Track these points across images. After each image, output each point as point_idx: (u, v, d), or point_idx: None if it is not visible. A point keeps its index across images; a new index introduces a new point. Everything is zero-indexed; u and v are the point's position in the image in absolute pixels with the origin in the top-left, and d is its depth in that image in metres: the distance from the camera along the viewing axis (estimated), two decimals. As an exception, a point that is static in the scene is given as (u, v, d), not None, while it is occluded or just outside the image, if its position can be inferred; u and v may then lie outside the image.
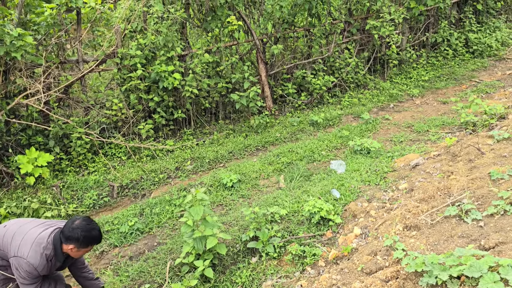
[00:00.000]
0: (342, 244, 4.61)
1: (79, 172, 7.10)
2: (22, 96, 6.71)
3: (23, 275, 3.59)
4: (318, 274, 4.29)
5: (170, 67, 7.57)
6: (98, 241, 3.76)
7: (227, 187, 6.40)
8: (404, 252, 3.62)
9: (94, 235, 3.69)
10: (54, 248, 3.65)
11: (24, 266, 3.55)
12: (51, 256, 3.65)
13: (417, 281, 3.25)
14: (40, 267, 3.58)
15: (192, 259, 4.57)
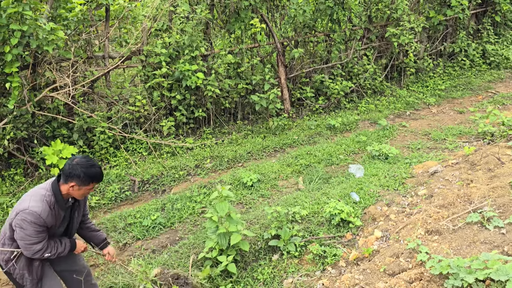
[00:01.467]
0: (363, 246, 4.70)
1: (102, 165, 7.25)
2: (49, 88, 6.88)
3: (29, 232, 3.33)
4: (340, 274, 4.39)
5: (194, 66, 7.71)
6: (98, 178, 3.52)
7: (247, 186, 6.52)
8: (427, 255, 3.71)
9: (94, 172, 3.45)
10: (54, 194, 3.43)
11: (28, 217, 3.30)
12: (52, 202, 3.42)
13: (441, 283, 3.34)
14: (45, 214, 3.35)
15: (216, 254, 4.68)
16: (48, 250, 3.44)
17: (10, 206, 6.03)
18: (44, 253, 3.42)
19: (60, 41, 6.50)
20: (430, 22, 11.05)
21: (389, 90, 10.78)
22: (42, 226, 3.35)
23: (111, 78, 8.52)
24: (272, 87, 8.77)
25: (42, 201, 3.34)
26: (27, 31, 6.10)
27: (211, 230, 4.77)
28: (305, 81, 10.07)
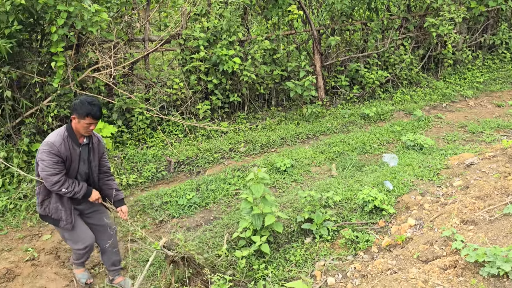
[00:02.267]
0: (396, 233, 4.73)
1: (139, 146, 7.47)
2: (91, 69, 7.09)
3: (46, 163, 3.73)
4: (372, 259, 4.44)
5: (231, 51, 7.80)
6: (93, 114, 3.81)
7: (280, 171, 6.61)
8: (463, 243, 3.73)
9: (90, 107, 3.78)
10: (66, 129, 3.91)
11: (45, 148, 3.76)
12: (66, 136, 3.87)
13: (476, 271, 3.36)
14: (58, 142, 3.78)
15: (250, 234, 4.79)
16: (65, 186, 3.84)
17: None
18: (62, 187, 3.82)
19: (103, 23, 6.69)
20: (470, 12, 10.79)
21: (425, 81, 10.63)
22: (57, 156, 3.78)
23: (149, 61, 8.70)
24: (307, 75, 8.78)
25: (57, 134, 3.87)
26: (73, 12, 6.30)
27: (246, 210, 4.89)
28: (340, 70, 10.03)
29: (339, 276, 4.31)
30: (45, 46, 6.87)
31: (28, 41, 7.01)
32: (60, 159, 3.81)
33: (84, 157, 4.05)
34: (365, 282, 3.91)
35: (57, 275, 4.66)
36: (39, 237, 5.36)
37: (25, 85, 6.93)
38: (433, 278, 3.45)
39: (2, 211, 5.79)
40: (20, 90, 6.88)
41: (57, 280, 4.59)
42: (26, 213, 5.75)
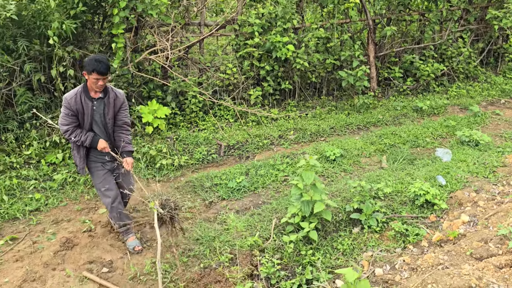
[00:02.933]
0: (448, 229, 4.65)
1: (191, 128, 7.64)
2: (149, 51, 7.30)
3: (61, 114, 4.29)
4: (422, 253, 4.39)
5: (285, 38, 7.81)
6: (98, 70, 4.11)
7: (330, 160, 6.60)
8: (520, 243, 3.62)
9: (96, 63, 4.09)
10: (82, 86, 4.31)
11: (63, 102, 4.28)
12: (80, 91, 4.27)
13: (534, 271, 3.27)
14: (70, 97, 4.23)
15: (298, 220, 4.84)
16: (73, 135, 4.31)
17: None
18: (71, 136, 4.31)
19: (162, 6, 6.85)
20: (537, 5, 10.26)
21: (484, 76, 10.25)
22: (68, 109, 4.24)
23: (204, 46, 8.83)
24: (360, 64, 8.66)
25: (73, 90, 4.32)
26: (134, -5, 6.50)
27: (295, 197, 4.93)
28: (394, 61, 9.83)
29: (387, 268, 4.29)
30: (107, 27, 7.12)
31: (90, 22, 7.28)
32: (71, 112, 4.26)
33: (99, 110, 4.41)
34: (414, 275, 3.88)
35: (112, 247, 4.88)
36: (96, 210, 5.63)
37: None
38: (488, 276, 3.39)
39: (62, 183, 6.10)
40: (82, 69, 7.16)
41: (112, 252, 4.80)
42: (84, 187, 6.04)
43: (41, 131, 6.57)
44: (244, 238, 4.82)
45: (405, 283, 3.76)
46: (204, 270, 4.34)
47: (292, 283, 4.11)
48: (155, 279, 4.26)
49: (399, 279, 3.95)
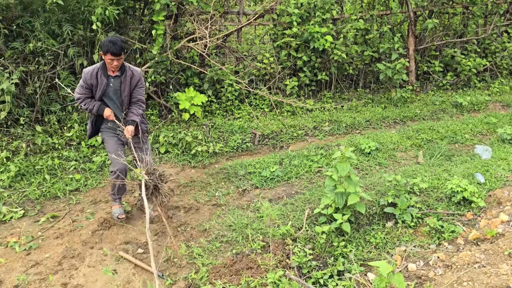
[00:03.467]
0: (485, 227, 4.54)
1: (226, 116, 7.71)
2: (187, 39, 7.38)
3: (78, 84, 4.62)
4: (457, 250, 4.32)
5: (324, 29, 7.74)
6: (111, 51, 4.34)
7: (365, 153, 6.54)
8: (563, 245, 3.52)
9: (109, 45, 4.32)
10: (102, 62, 4.58)
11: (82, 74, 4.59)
12: (97, 68, 4.55)
13: None
14: (87, 71, 4.53)
15: (331, 211, 4.83)
16: (83, 103, 4.64)
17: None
18: (81, 104, 4.65)
19: (203, -6, 6.91)
20: None
21: (528, 73, 9.90)
22: (85, 83, 4.55)
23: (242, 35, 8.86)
24: (399, 57, 8.50)
25: (93, 66, 4.61)
26: (175, -18, 6.57)
27: (329, 188, 4.92)
28: (434, 55, 9.60)
29: (420, 263, 4.24)
30: (147, 14, 7.23)
31: (132, 8, 7.41)
32: (86, 84, 4.57)
33: (116, 87, 4.66)
34: (449, 272, 3.82)
35: (147, 229, 5.01)
36: (132, 192, 5.77)
37: (126, 51, 7.36)
38: (526, 277, 3.31)
39: (101, 166, 6.28)
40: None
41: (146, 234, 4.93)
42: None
43: (82, 114, 6.77)
44: (276, 227, 4.85)
45: (439, 279, 3.72)
46: (236, 256, 4.40)
47: (323, 273, 4.12)
48: (189, 262, 4.35)
49: (433, 275, 3.91)
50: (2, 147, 6.33)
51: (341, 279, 4.09)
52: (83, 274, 4.23)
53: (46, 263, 4.39)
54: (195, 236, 4.82)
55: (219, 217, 5.20)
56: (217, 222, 5.07)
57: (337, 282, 4.02)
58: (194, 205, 5.46)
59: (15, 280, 4.13)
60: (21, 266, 4.34)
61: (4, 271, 4.27)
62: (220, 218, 5.16)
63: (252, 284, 3.91)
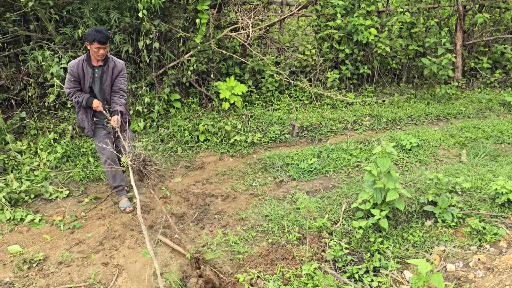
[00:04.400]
0: (530, 231, 4.39)
1: (265, 107, 7.72)
2: (230, 28, 7.41)
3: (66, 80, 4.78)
4: (500, 253, 4.19)
5: (368, 21, 7.60)
6: (98, 39, 4.52)
7: (405, 149, 6.41)
8: None
9: (95, 34, 4.51)
10: (85, 55, 4.76)
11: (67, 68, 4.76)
12: (82, 60, 4.73)
13: None
14: (73, 64, 4.70)
15: (369, 207, 4.78)
16: (74, 96, 4.79)
17: (186, 129, 6.81)
18: (72, 97, 4.80)
19: (247, -16, 6.91)
20: None
21: None
22: (72, 76, 4.71)
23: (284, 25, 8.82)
24: (446, 53, 8.25)
25: (77, 59, 4.77)
26: (221, -28, 6.60)
27: (368, 183, 4.86)
28: (483, 51, 9.27)
29: (459, 264, 4.15)
30: (192, 3, 7.29)
31: (177, -3, 7.51)
32: (73, 77, 4.73)
33: (99, 77, 4.81)
34: (490, 275, 3.72)
35: (185, 215, 5.11)
36: (172, 178, 5.89)
37: (170, 39, 7.48)
38: None
39: (142, 151, 6.42)
40: (166, 43, 7.44)
41: (185, 219, 5.02)
42: (162, 156, 6.32)
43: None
44: (312, 219, 4.85)
45: (480, 282, 3.63)
46: (271, 246, 4.43)
47: (359, 268, 4.10)
48: (225, 249, 4.41)
49: (472, 277, 3.81)
50: (50, 129, 6.58)
51: (377, 275, 4.06)
52: (123, 255, 4.36)
53: (89, 242, 4.55)
54: (231, 224, 4.87)
55: (255, 206, 5.24)
56: (254, 211, 5.11)
57: (372, 278, 3.99)
58: (232, 194, 5.52)
59: (60, 256, 4.30)
60: (65, 244, 4.52)
61: (50, 247, 4.46)
62: (257, 208, 5.19)
63: (287, 275, 3.92)
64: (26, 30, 6.56)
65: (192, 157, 6.47)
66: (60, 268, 4.16)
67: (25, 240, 4.59)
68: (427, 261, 3.19)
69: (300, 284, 3.81)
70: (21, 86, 6.72)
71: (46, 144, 6.27)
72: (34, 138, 6.46)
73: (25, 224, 4.85)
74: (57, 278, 4.04)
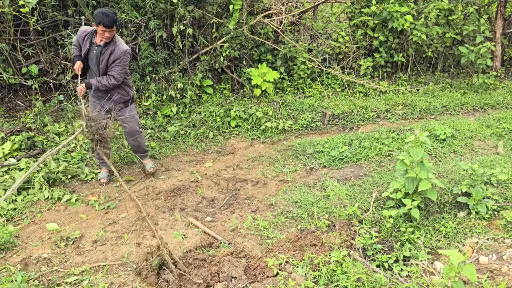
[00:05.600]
0: None
1: (297, 94, 7.69)
2: (263, 15, 7.38)
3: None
4: (535, 247, 4.10)
5: (404, 8, 7.44)
6: (103, 22, 4.59)
7: (439, 139, 6.29)
8: None
9: (101, 16, 4.57)
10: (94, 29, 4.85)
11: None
12: (89, 32, 4.86)
13: None
14: (81, 31, 4.88)
15: (400, 196, 4.73)
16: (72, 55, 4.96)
17: (218, 115, 6.86)
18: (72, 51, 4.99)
19: (281, -30, 6.85)
20: None
21: None
22: (76, 40, 4.90)
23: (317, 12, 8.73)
24: (485, 41, 8.01)
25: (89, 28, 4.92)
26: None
27: (400, 172, 4.80)
28: (524, 39, 8.95)
29: (493, 257, 4.07)
30: (226, -11, 7.31)
31: (211, -17, 7.52)
32: (76, 41, 4.91)
33: (95, 55, 4.87)
34: (525, 268, 3.64)
35: (216, 199, 5.18)
36: (203, 163, 5.97)
37: (204, 25, 7.52)
38: None
39: (174, 135, 6.53)
40: (199, 29, 7.49)
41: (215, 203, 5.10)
42: (194, 141, 6.41)
43: (159, 85, 7.03)
44: (342, 207, 4.84)
45: (513, 275, 3.56)
46: (301, 232, 4.45)
47: (388, 257, 4.08)
48: (254, 233, 4.46)
49: (506, 270, 3.75)
50: (86, 112, 6.75)
51: (406, 265, 4.03)
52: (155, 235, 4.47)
53: (122, 222, 4.68)
54: (261, 209, 4.92)
55: (285, 192, 5.26)
56: (283, 197, 5.14)
57: (402, 267, 3.97)
58: (262, 180, 5.55)
59: (95, 235, 4.45)
60: (100, 223, 4.66)
61: (85, 226, 4.61)
62: (287, 194, 5.22)
63: (316, 261, 3.94)
64: (65, 15, 6.71)
65: (223, 142, 6.53)
66: (95, 246, 4.30)
67: (62, 219, 4.76)
68: (459, 252, 3.15)
69: (328, 270, 3.83)
70: (59, 70, 6.90)
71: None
72: (71, 120, 6.64)
73: (62, 203, 5.02)
74: (92, 255, 4.18)
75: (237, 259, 4.04)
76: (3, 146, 5.75)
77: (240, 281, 3.75)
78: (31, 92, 7.04)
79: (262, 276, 3.84)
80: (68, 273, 3.92)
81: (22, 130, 6.21)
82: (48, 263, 4.06)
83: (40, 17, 6.56)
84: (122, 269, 3.99)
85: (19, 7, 5.94)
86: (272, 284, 3.71)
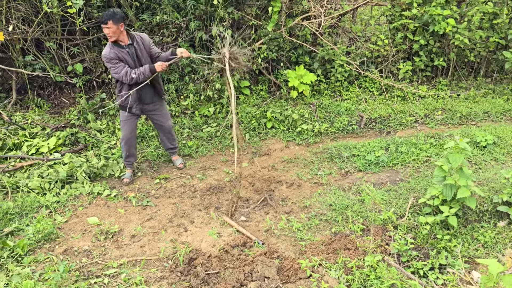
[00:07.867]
0: None
1: (334, 97, 7.67)
2: (302, 17, 7.39)
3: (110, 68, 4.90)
4: None
5: (446, 11, 7.29)
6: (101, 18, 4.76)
7: (480, 146, 6.14)
8: None
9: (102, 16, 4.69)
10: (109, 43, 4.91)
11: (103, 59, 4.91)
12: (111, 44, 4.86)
13: None
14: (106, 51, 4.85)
15: (438, 203, 4.65)
16: (132, 72, 4.86)
17: (254, 116, 6.93)
18: (131, 74, 4.86)
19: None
20: None
21: None
22: (114, 59, 4.82)
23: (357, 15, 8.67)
24: (531, 46, 7.75)
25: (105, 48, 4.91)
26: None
27: (438, 178, 4.72)
28: None
29: (534, 269, 3.95)
30: (265, -9, 7.36)
31: (251, -15, 7.60)
32: (116, 60, 4.84)
33: (133, 55, 4.96)
34: None
35: (250, 199, 5.24)
36: (239, 163, 6.04)
37: (242, 26, 7.60)
38: None
39: (211, 135, 6.63)
40: (238, 30, 7.57)
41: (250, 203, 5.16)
42: (230, 141, 6.50)
43: (197, 85, 7.16)
44: (377, 212, 4.80)
45: (555, 288, 3.44)
46: (334, 235, 4.44)
47: (424, 264, 4.02)
48: (288, 235, 4.49)
49: (547, 283, 3.62)
50: (126, 111, 6.95)
51: (442, 273, 3.97)
52: (191, 233, 4.56)
53: (159, 219, 4.80)
54: (295, 211, 4.94)
55: (320, 195, 5.26)
56: (318, 200, 5.14)
57: (438, 275, 3.91)
58: (296, 181, 5.57)
59: (133, 230, 4.58)
60: (137, 219, 4.80)
61: (124, 221, 4.76)
62: (321, 197, 5.22)
63: (349, 265, 3.93)
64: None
65: (259, 143, 6.58)
66: (133, 241, 4.44)
67: (102, 213, 4.93)
68: (498, 262, 3.08)
69: (362, 275, 3.81)
70: (102, 68, 7.14)
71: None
72: (112, 118, 6.85)
73: (102, 198, 5.20)
74: (130, 250, 4.31)
75: (271, 259, 4.08)
76: (48, 141, 5.99)
77: (273, 281, 3.78)
78: (76, 90, 7.30)
79: (295, 278, 3.87)
80: (107, 266, 4.06)
81: (67, 126, 6.46)
82: (88, 255, 4.22)
83: (86, 18, 6.80)
84: (158, 264, 4.09)
85: (66, 8, 6.18)
86: (305, 286, 3.73)
